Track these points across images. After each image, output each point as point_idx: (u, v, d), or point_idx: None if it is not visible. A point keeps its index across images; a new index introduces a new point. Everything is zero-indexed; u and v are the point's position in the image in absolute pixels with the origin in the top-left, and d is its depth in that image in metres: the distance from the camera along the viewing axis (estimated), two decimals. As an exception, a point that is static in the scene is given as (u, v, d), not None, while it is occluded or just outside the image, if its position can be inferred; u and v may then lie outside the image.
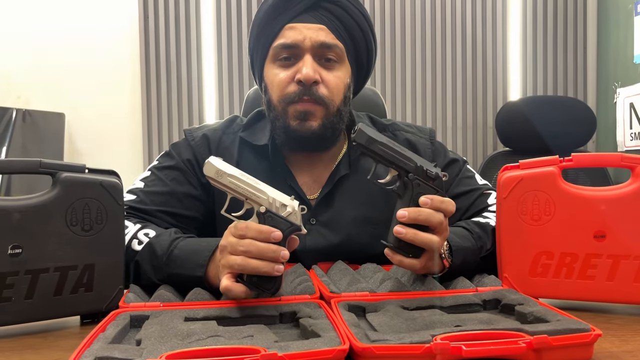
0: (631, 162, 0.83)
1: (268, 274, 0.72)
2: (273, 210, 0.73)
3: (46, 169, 0.76)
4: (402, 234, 0.76)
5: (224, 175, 0.73)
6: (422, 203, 0.77)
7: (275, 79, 0.98)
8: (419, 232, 0.76)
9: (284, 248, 0.72)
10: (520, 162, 0.86)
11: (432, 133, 1.12)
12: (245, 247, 0.71)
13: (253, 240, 0.71)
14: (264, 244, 0.71)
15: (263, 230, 0.72)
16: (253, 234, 0.72)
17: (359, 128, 0.78)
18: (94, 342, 0.60)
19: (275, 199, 0.73)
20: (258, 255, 0.71)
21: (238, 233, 0.73)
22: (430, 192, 0.79)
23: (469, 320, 0.66)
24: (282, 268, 0.72)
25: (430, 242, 0.77)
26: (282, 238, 0.72)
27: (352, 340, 0.58)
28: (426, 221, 0.77)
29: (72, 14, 2.50)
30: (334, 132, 1.00)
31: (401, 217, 0.76)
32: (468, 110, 2.61)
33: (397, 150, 0.79)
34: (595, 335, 0.60)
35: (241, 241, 0.72)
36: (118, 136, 2.53)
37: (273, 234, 0.71)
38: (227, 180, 0.73)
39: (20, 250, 0.72)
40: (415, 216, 0.76)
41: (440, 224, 0.77)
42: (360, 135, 0.78)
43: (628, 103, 2.31)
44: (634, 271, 0.80)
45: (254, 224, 0.72)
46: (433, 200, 0.77)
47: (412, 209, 0.77)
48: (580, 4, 2.60)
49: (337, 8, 0.98)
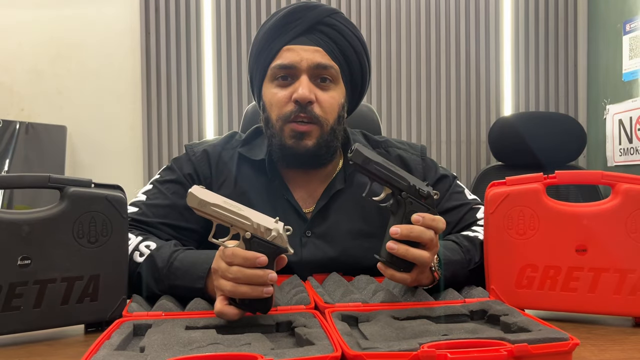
0: (611, 180, 0.86)
1: (258, 297, 0.74)
2: (258, 235, 0.74)
3: (55, 183, 0.80)
4: (394, 250, 0.80)
5: (207, 205, 0.73)
6: (414, 220, 0.80)
7: (274, 98, 1.02)
8: (410, 248, 0.80)
9: (271, 271, 0.74)
10: (507, 179, 0.90)
11: (424, 150, 1.16)
12: (234, 275, 0.73)
13: (240, 267, 0.73)
14: (250, 271, 0.73)
15: (248, 257, 0.73)
16: (239, 261, 0.73)
17: (356, 148, 0.81)
18: (100, 348, 0.63)
19: (260, 224, 0.74)
20: (246, 282, 0.73)
21: (226, 260, 0.74)
22: (422, 209, 0.82)
23: (456, 330, 0.69)
24: (271, 289, 0.74)
25: (421, 257, 0.80)
26: (267, 262, 0.73)
27: (344, 347, 0.62)
28: (418, 238, 0.80)
29: (75, 28, 2.54)
30: (328, 150, 1.04)
31: (394, 233, 0.80)
32: (462, 125, 2.65)
33: (392, 170, 0.82)
34: (573, 344, 0.63)
35: (230, 268, 0.73)
36: (119, 149, 2.56)
37: (258, 260, 0.72)
38: (210, 209, 0.73)
39: (30, 262, 0.76)
40: (407, 233, 0.79)
41: (430, 241, 0.81)
42: (356, 155, 0.81)
43: (617, 119, 2.36)
44: (614, 283, 0.83)
45: (240, 251, 0.73)
46: (424, 218, 0.80)
47: (404, 226, 0.80)
48: (571, 23, 2.67)
49: (333, 31, 1.03)
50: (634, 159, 2.26)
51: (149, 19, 2.55)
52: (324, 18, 1.02)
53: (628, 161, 2.30)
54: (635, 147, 2.26)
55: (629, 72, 2.30)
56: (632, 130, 2.27)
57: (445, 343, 0.63)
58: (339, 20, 1.04)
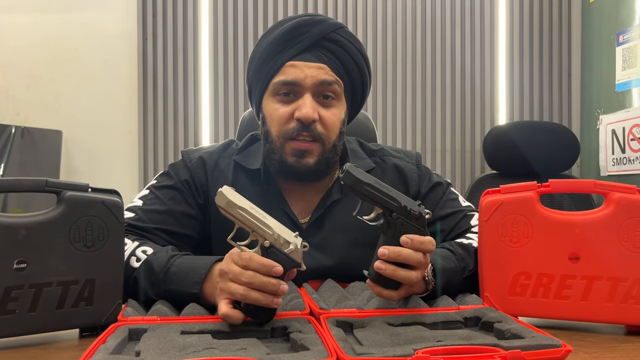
0: (604, 189, 0.87)
1: (267, 306, 0.74)
2: (277, 246, 0.75)
3: (52, 187, 0.80)
4: (382, 270, 0.80)
5: (235, 206, 0.74)
6: (402, 242, 0.80)
7: (275, 114, 1.01)
8: (398, 269, 0.80)
9: (283, 282, 0.75)
10: (501, 187, 0.90)
11: (419, 157, 1.16)
12: (248, 279, 0.74)
13: (256, 273, 0.74)
14: (265, 278, 0.74)
15: (266, 264, 0.74)
16: (256, 266, 0.74)
17: (347, 170, 0.81)
18: (95, 352, 0.63)
19: (280, 235, 0.76)
20: (259, 288, 0.73)
21: (242, 263, 0.75)
22: (412, 230, 0.82)
23: (450, 336, 0.69)
24: (280, 301, 0.75)
25: (408, 278, 0.81)
26: (282, 273, 0.75)
27: (339, 353, 0.62)
28: (406, 260, 0.80)
29: (71, 33, 2.55)
30: (328, 165, 1.04)
31: (382, 255, 0.80)
32: (457, 134, 2.67)
33: (383, 191, 0.82)
34: (566, 351, 0.64)
35: (245, 272, 0.74)
36: (114, 154, 2.56)
37: (275, 268, 0.74)
38: (236, 212, 0.75)
39: (25, 265, 0.76)
40: (394, 256, 0.80)
41: (418, 263, 0.81)
42: (347, 176, 0.81)
43: (610, 129, 2.39)
44: (606, 291, 0.84)
45: (258, 257, 0.74)
46: (413, 240, 0.80)
47: (392, 248, 0.80)
48: (565, 34, 2.70)
49: (338, 48, 1.02)
50: (627, 169, 2.28)
51: (146, 24, 2.56)
52: (329, 34, 1.01)
53: (621, 171, 2.32)
54: (628, 157, 2.28)
55: (622, 82, 2.32)
56: (625, 140, 2.29)
57: (440, 349, 0.63)
58: (344, 36, 1.03)
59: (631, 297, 0.83)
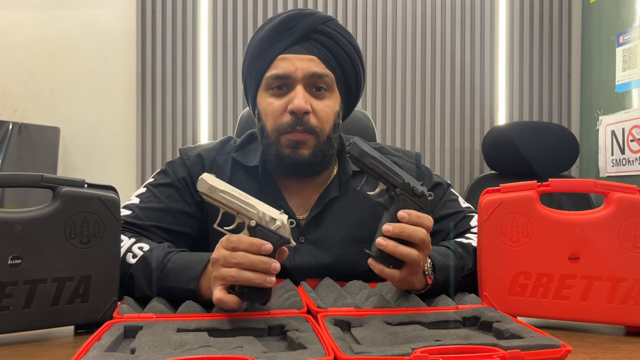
0: (604, 188, 0.87)
1: (260, 285, 0.74)
2: (263, 224, 0.76)
3: (47, 183, 0.79)
4: (383, 246, 0.80)
5: (216, 190, 0.76)
6: (400, 217, 0.81)
7: (269, 108, 1.02)
8: (399, 245, 0.80)
9: (274, 260, 0.75)
10: (501, 186, 0.90)
11: (418, 157, 1.16)
12: (238, 260, 0.74)
13: (245, 253, 0.74)
14: (255, 256, 0.74)
15: (254, 243, 0.75)
16: (245, 246, 0.75)
17: (354, 141, 0.83)
18: (90, 350, 0.62)
19: (265, 213, 0.77)
20: (250, 267, 0.74)
21: (230, 246, 0.76)
22: (414, 208, 0.83)
23: (448, 336, 0.69)
24: (274, 280, 0.75)
25: (409, 255, 0.80)
26: (272, 250, 0.75)
27: (336, 352, 0.61)
28: (409, 237, 0.80)
29: (70, 30, 2.54)
30: (324, 158, 1.04)
31: (386, 231, 0.80)
32: (456, 134, 2.67)
33: (387, 166, 0.83)
34: (566, 351, 0.64)
35: (234, 254, 0.75)
36: (112, 151, 2.56)
37: (264, 246, 0.74)
38: (219, 195, 0.76)
39: (20, 261, 0.75)
40: (399, 232, 0.80)
41: (422, 241, 0.81)
42: (354, 147, 0.82)
43: (610, 130, 2.39)
44: (606, 292, 0.84)
45: (246, 237, 0.75)
46: (410, 215, 0.81)
47: (396, 224, 0.81)
48: (565, 35, 2.70)
49: (328, 39, 1.02)
50: (626, 170, 2.28)
51: (145, 21, 2.55)
52: (318, 26, 1.02)
53: (620, 172, 2.32)
54: (627, 157, 2.28)
55: (622, 83, 2.32)
56: (625, 141, 2.29)
57: (438, 349, 0.63)
58: (333, 28, 1.04)
59: (631, 297, 0.83)
